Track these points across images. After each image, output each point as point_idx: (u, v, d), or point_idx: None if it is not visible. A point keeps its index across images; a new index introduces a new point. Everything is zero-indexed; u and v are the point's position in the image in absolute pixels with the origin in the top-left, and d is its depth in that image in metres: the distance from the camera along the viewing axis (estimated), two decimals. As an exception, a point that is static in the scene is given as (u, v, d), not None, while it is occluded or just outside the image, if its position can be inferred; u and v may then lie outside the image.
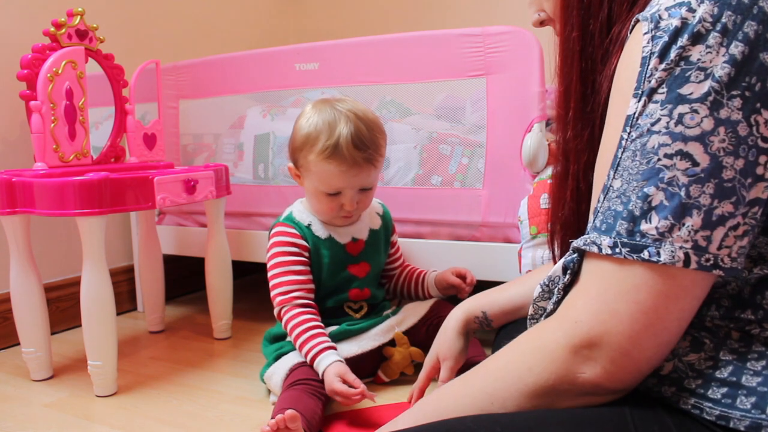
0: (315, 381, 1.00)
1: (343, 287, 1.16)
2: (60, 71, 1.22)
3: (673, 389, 0.53)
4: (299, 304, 1.08)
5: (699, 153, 0.48)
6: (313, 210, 1.15)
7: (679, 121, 0.48)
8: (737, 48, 0.47)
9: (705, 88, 0.48)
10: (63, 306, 1.55)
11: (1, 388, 1.19)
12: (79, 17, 1.29)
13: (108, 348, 1.13)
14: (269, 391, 1.10)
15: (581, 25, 0.61)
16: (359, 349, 1.10)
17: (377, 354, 1.13)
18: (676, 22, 0.49)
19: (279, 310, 1.09)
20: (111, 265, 1.29)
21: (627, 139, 0.51)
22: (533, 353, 0.55)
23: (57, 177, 1.13)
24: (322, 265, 1.13)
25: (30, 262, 1.20)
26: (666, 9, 0.50)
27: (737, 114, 0.47)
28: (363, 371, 1.12)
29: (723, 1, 0.48)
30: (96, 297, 1.11)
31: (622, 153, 0.52)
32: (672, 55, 0.49)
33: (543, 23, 0.70)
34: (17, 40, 1.44)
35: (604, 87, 0.59)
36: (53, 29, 1.25)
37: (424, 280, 1.27)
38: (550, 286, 0.60)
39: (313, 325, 1.05)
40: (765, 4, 0.48)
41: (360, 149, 1.05)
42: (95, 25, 1.34)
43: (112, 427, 1.01)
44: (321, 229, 1.14)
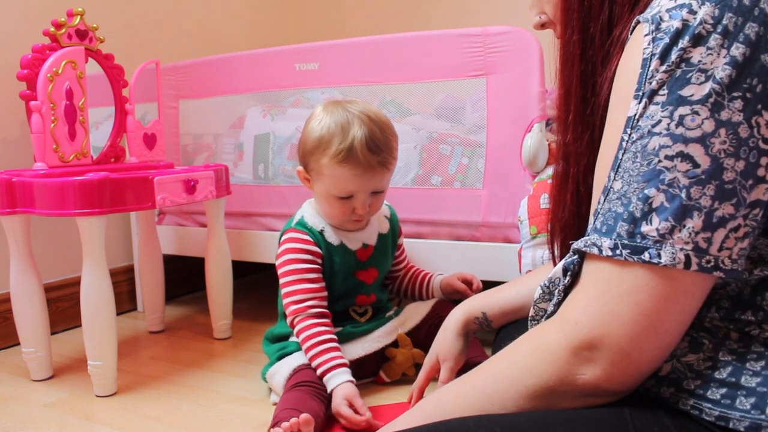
0: (318, 383, 1.00)
1: (351, 293, 1.16)
2: (60, 71, 1.22)
3: (672, 390, 0.53)
4: (314, 314, 1.06)
5: (700, 154, 0.48)
6: (323, 214, 1.13)
7: (680, 123, 0.48)
8: (738, 50, 0.47)
9: (706, 89, 0.48)
10: (63, 306, 1.55)
11: (1, 388, 1.19)
12: (79, 17, 1.29)
13: (108, 348, 1.13)
14: (270, 391, 1.10)
15: (582, 28, 0.61)
16: (363, 351, 1.10)
17: (380, 355, 1.13)
18: (677, 23, 0.49)
19: (293, 319, 1.07)
20: (111, 265, 1.29)
21: (628, 141, 0.51)
22: (533, 354, 0.55)
23: (57, 177, 1.13)
24: (334, 272, 1.12)
25: (30, 262, 1.20)
26: (667, 11, 0.50)
27: (738, 115, 0.47)
28: (365, 371, 1.12)
29: (724, 3, 0.48)
30: (96, 297, 1.11)
31: (622, 154, 0.52)
32: (673, 57, 0.49)
33: (544, 26, 0.70)
34: (17, 40, 1.44)
35: (604, 89, 0.59)
36: (53, 29, 1.25)
37: (429, 283, 1.26)
38: (550, 287, 0.60)
39: (327, 338, 1.04)
40: (766, 5, 0.48)
41: (374, 152, 1.04)
42: (95, 25, 1.34)
43: (112, 427, 1.01)
44: (333, 236, 1.12)
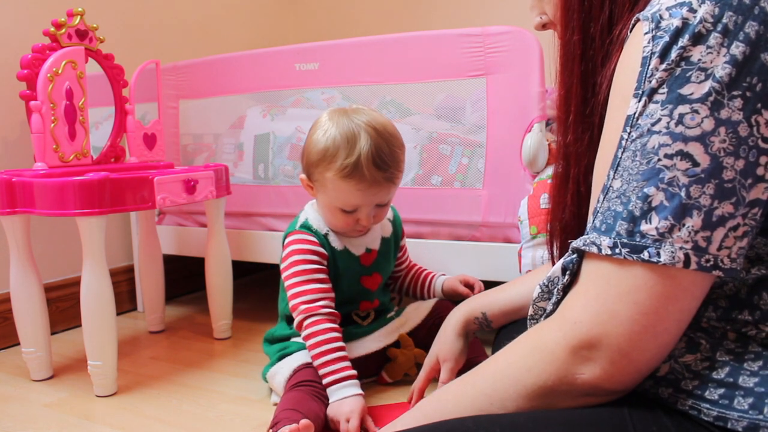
0: (319, 383, 0.99)
1: (355, 299, 1.15)
2: (60, 71, 1.22)
3: (670, 390, 0.53)
4: (325, 314, 1.03)
5: (699, 153, 0.48)
6: (326, 221, 1.11)
7: (680, 122, 0.48)
8: (738, 48, 0.47)
9: (706, 88, 0.48)
10: (63, 306, 1.55)
11: (1, 388, 1.19)
12: (79, 17, 1.29)
13: (108, 348, 1.13)
14: (270, 391, 1.10)
15: (582, 29, 0.61)
16: (364, 351, 1.10)
17: (381, 355, 1.13)
18: (677, 22, 0.49)
19: (303, 318, 1.02)
20: (111, 265, 1.29)
21: (627, 139, 0.51)
22: (532, 354, 0.55)
23: (57, 177, 1.13)
24: (338, 276, 1.11)
25: (30, 262, 1.20)
26: (667, 9, 0.50)
27: (738, 114, 0.47)
28: (367, 371, 1.12)
29: (724, 2, 0.48)
30: (96, 297, 1.11)
31: (622, 153, 0.51)
32: (673, 56, 0.49)
33: (545, 26, 0.70)
34: (17, 40, 1.44)
35: (603, 88, 0.59)
36: (53, 29, 1.25)
37: (431, 283, 1.25)
38: (549, 286, 0.60)
39: (338, 347, 1.00)
40: (766, 4, 0.48)
41: (381, 168, 1.00)
42: (95, 25, 1.34)
43: (112, 427, 1.01)
44: (337, 241, 1.10)
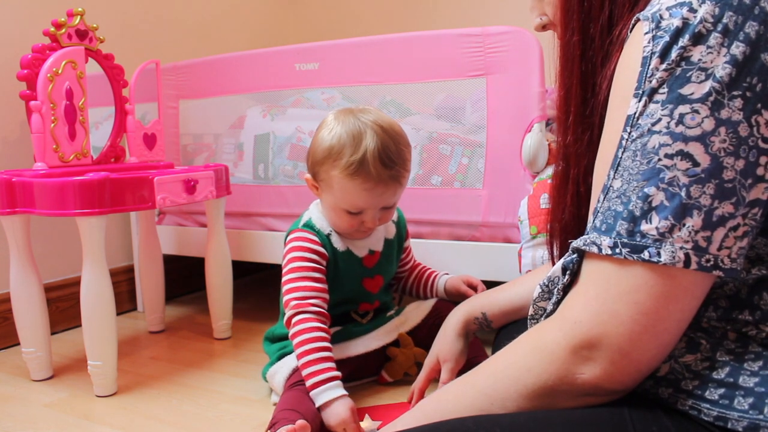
0: None
1: (355, 300, 1.14)
2: (60, 71, 1.22)
3: (670, 390, 0.53)
4: (315, 312, 1.01)
5: (700, 153, 0.48)
6: (330, 222, 1.10)
7: (680, 122, 0.48)
8: (738, 48, 0.47)
9: (706, 88, 0.48)
10: (63, 306, 1.55)
11: (1, 388, 1.19)
12: (79, 17, 1.29)
13: (108, 348, 1.13)
14: (270, 391, 1.10)
15: (581, 29, 0.61)
16: (364, 349, 1.09)
17: (381, 354, 1.13)
18: (677, 22, 0.49)
19: (293, 314, 1.01)
20: (111, 265, 1.29)
21: (627, 139, 0.51)
22: (533, 354, 0.56)
23: (57, 177, 1.13)
24: (338, 277, 1.10)
25: (30, 262, 1.20)
26: (667, 9, 0.50)
27: (738, 114, 0.47)
28: (367, 371, 1.12)
29: (724, 2, 0.48)
30: (96, 297, 1.11)
31: (622, 153, 0.51)
32: (673, 55, 0.49)
33: (545, 27, 0.70)
34: (17, 40, 1.44)
35: (603, 88, 0.59)
36: (53, 29, 1.25)
37: (433, 283, 1.25)
38: (549, 286, 0.60)
39: (323, 347, 0.98)
40: (766, 4, 0.48)
41: (387, 166, 0.99)
42: (95, 25, 1.34)
43: (112, 427, 1.01)
44: (339, 242, 1.09)
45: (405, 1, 2.25)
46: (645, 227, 0.49)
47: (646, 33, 0.50)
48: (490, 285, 1.23)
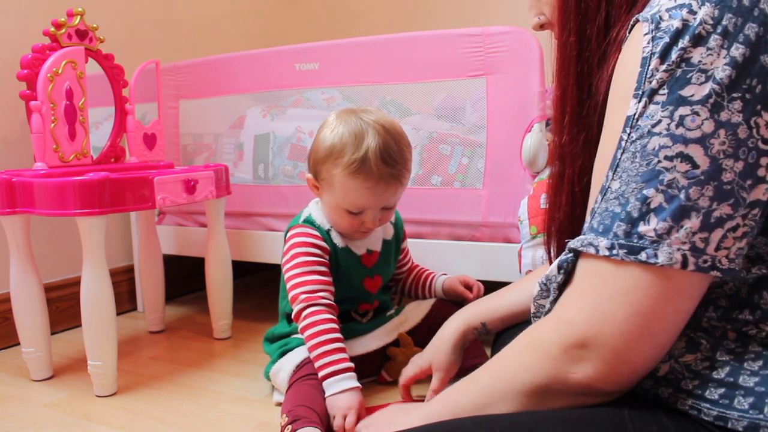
0: None
1: (355, 299, 1.14)
2: (60, 71, 1.22)
3: (670, 390, 0.53)
4: (325, 304, 1.01)
5: (699, 155, 0.48)
6: (330, 221, 1.10)
7: (680, 123, 0.48)
8: (738, 50, 0.47)
9: (706, 90, 0.48)
10: (63, 306, 1.55)
11: (1, 388, 1.19)
12: (79, 17, 1.29)
13: (108, 348, 1.13)
14: (272, 389, 1.10)
15: (578, 30, 0.61)
16: (364, 349, 1.10)
17: (381, 354, 1.13)
18: (676, 23, 0.49)
19: (303, 307, 1.01)
20: (111, 265, 1.29)
21: (627, 140, 0.51)
22: (529, 353, 0.56)
23: (57, 177, 1.13)
24: (339, 273, 1.10)
25: (30, 262, 1.20)
26: (666, 10, 0.50)
27: (738, 116, 0.47)
28: (367, 371, 1.12)
29: (724, 4, 0.48)
30: (96, 297, 1.11)
31: (621, 154, 0.52)
32: (673, 57, 0.49)
33: (543, 27, 0.71)
34: (17, 40, 1.44)
35: (600, 90, 0.59)
36: (53, 29, 1.25)
37: (431, 284, 1.25)
38: (547, 284, 0.60)
39: (336, 338, 0.99)
40: (766, 6, 0.48)
41: (388, 165, 1.00)
42: (95, 25, 1.34)
43: (112, 427, 1.01)
44: (338, 238, 1.10)
45: (405, 1, 2.25)
46: (642, 229, 0.49)
47: (645, 34, 0.50)
48: (489, 285, 1.23)
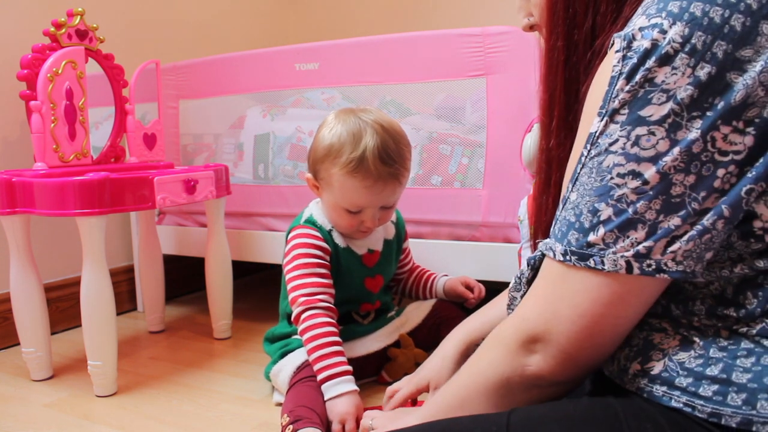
0: None
1: (356, 300, 1.14)
2: (60, 71, 1.22)
3: (665, 388, 0.53)
4: (324, 307, 1.02)
5: (650, 173, 0.50)
6: (331, 221, 1.10)
7: (636, 143, 0.50)
8: (703, 69, 0.48)
9: (665, 110, 0.49)
10: (63, 306, 1.55)
11: (1, 388, 1.19)
12: (79, 17, 1.29)
13: (108, 348, 1.13)
14: (272, 390, 1.10)
15: (566, 35, 0.62)
16: (365, 350, 1.10)
17: (382, 355, 1.13)
18: (646, 43, 0.50)
19: (302, 310, 1.01)
20: (111, 265, 1.29)
21: (586, 156, 0.53)
22: (494, 348, 0.61)
23: (57, 177, 1.13)
24: (340, 273, 1.10)
25: (30, 262, 1.20)
26: (640, 29, 0.51)
27: (695, 133, 0.49)
28: (367, 371, 1.12)
29: (694, 22, 0.48)
30: (96, 297, 1.12)
31: (580, 169, 0.54)
32: (638, 77, 0.50)
33: (532, 28, 0.72)
34: (17, 40, 1.44)
35: (587, 96, 0.59)
36: (53, 29, 1.25)
37: (432, 284, 1.25)
38: (520, 278, 0.64)
39: (334, 341, 0.99)
40: (736, 23, 0.48)
41: (386, 163, 1.00)
42: (95, 25, 1.34)
43: (112, 427, 1.01)
44: (340, 238, 1.10)
45: (405, 1, 2.25)
46: (592, 238, 0.52)
47: (617, 52, 0.52)
48: (489, 285, 1.24)
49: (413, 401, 0.94)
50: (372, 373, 1.14)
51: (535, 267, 0.60)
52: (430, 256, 1.31)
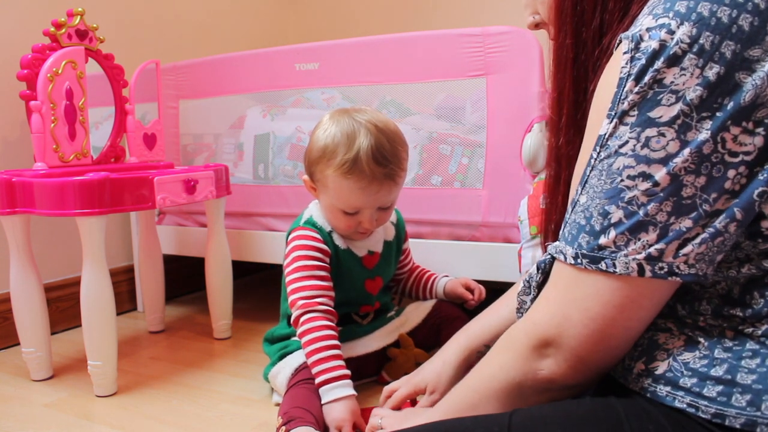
0: None
1: (356, 301, 1.14)
2: (60, 71, 1.22)
3: (669, 388, 0.53)
4: (323, 310, 1.01)
5: (661, 175, 0.49)
6: (329, 223, 1.09)
7: (646, 144, 0.50)
8: (712, 70, 0.48)
9: (675, 111, 0.49)
10: (63, 306, 1.55)
11: (1, 388, 1.19)
12: (79, 17, 1.29)
13: (108, 348, 1.13)
14: (271, 390, 1.10)
15: (574, 33, 0.62)
16: (364, 350, 1.09)
17: (381, 355, 1.13)
18: (654, 44, 0.49)
19: (301, 313, 1.01)
20: (111, 265, 1.29)
21: (596, 159, 0.53)
22: (505, 352, 0.61)
23: (57, 177, 1.13)
24: (341, 275, 1.09)
25: (30, 262, 1.20)
26: (647, 29, 0.50)
27: (705, 134, 0.48)
28: (367, 372, 1.12)
29: (702, 22, 0.48)
30: (96, 297, 1.11)
31: (590, 171, 0.54)
32: (646, 78, 0.50)
33: (538, 26, 0.72)
34: (17, 40, 1.44)
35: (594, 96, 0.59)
36: (53, 29, 1.25)
37: (433, 285, 1.25)
38: (530, 282, 0.63)
39: (333, 345, 0.98)
40: (744, 22, 0.48)
41: (381, 164, 0.99)
42: (95, 25, 1.34)
43: (112, 427, 1.01)
44: (340, 239, 1.09)
45: (405, 1, 2.25)
46: (603, 241, 0.52)
47: (624, 53, 0.51)
48: (489, 285, 1.23)
49: (412, 402, 0.94)
50: (372, 373, 1.14)
51: (546, 270, 0.60)
52: (430, 256, 1.31)
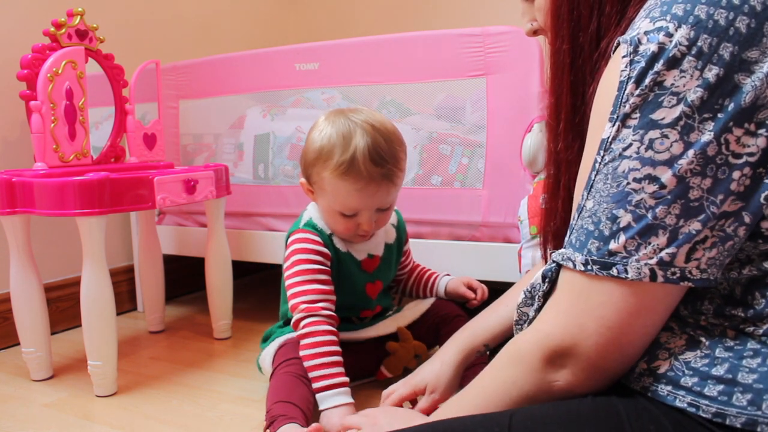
0: (299, 359, 0.97)
1: (356, 306, 1.13)
2: (60, 71, 1.22)
3: (670, 388, 0.53)
4: (325, 315, 1.00)
5: (667, 176, 0.49)
6: (328, 226, 1.08)
7: (650, 147, 0.50)
8: (711, 71, 0.48)
9: (676, 112, 0.49)
10: (63, 306, 1.55)
11: (1, 388, 1.19)
12: (79, 17, 1.29)
13: (108, 348, 1.13)
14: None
15: (571, 38, 0.62)
16: (365, 335, 1.09)
17: (379, 351, 1.12)
18: (653, 47, 0.50)
19: (302, 317, 0.99)
20: (111, 265, 1.29)
21: (600, 162, 0.53)
22: (514, 367, 0.59)
23: (57, 177, 1.13)
24: (340, 278, 1.08)
25: (30, 262, 1.20)
26: (645, 33, 0.51)
27: (708, 135, 0.49)
28: (365, 371, 1.12)
29: (700, 25, 0.49)
30: (96, 297, 1.11)
31: (595, 176, 0.54)
32: (647, 81, 0.50)
33: (536, 33, 0.72)
34: (17, 40, 1.44)
35: (593, 99, 0.59)
36: (53, 29, 1.25)
37: (434, 284, 1.24)
38: (532, 292, 0.62)
39: (334, 351, 0.97)
40: (741, 24, 0.48)
41: (378, 164, 0.97)
42: (95, 25, 1.34)
43: (112, 427, 1.01)
44: (340, 242, 1.08)
45: (405, 1, 2.25)
46: (613, 246, 0.52)
47: (623, 56, 0.52)
48: (490, 285, 1.23)
49: (412, 402, 0.93)
50: (370, 373, 1.13)
51: (552, 280, 0.58)
52: (430, 256, 1.31)
